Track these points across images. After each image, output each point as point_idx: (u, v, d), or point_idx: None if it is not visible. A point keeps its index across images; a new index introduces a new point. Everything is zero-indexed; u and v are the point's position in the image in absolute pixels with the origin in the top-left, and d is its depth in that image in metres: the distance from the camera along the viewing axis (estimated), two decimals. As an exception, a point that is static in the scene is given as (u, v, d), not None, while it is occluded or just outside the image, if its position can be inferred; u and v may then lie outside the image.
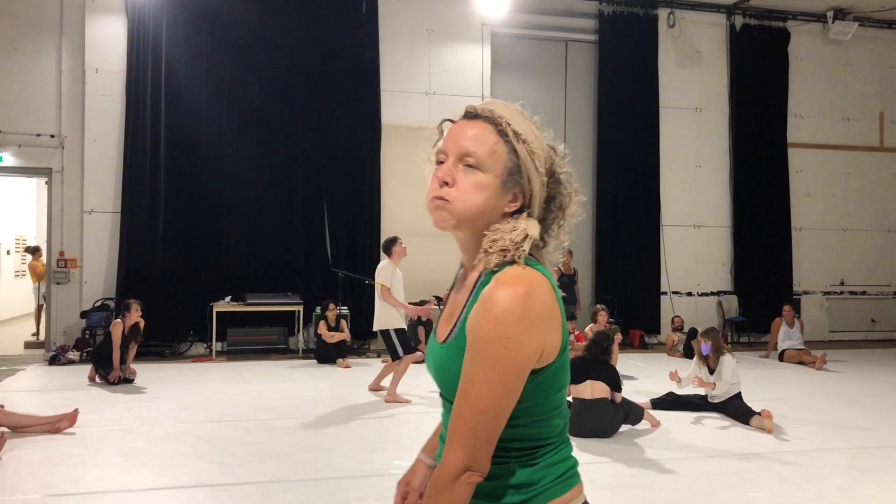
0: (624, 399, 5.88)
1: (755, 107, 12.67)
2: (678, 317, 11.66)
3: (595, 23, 12.20)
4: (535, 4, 11.82)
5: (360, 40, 11.07)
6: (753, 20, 12.70)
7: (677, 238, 12.53)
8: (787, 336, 10.60)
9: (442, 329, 1.39)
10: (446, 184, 1.32)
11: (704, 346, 6.62)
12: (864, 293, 13.47)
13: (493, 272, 1.27)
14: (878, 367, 10.17)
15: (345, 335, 9.79)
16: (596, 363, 5.87)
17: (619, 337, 7.29)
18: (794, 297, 12.76)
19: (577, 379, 5.69)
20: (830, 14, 12.66)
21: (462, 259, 1.43)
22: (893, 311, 13.57)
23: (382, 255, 7.79)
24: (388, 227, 10.96)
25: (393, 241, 7.54)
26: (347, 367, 9.42)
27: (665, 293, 12.41)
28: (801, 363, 10.15)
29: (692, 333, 10.91)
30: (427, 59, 11.51)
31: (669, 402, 6.87)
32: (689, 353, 10.24)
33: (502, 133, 1.32)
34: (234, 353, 10.35)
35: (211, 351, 10.25)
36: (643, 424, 6.09)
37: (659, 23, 12.31)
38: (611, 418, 5.68)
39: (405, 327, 7.62)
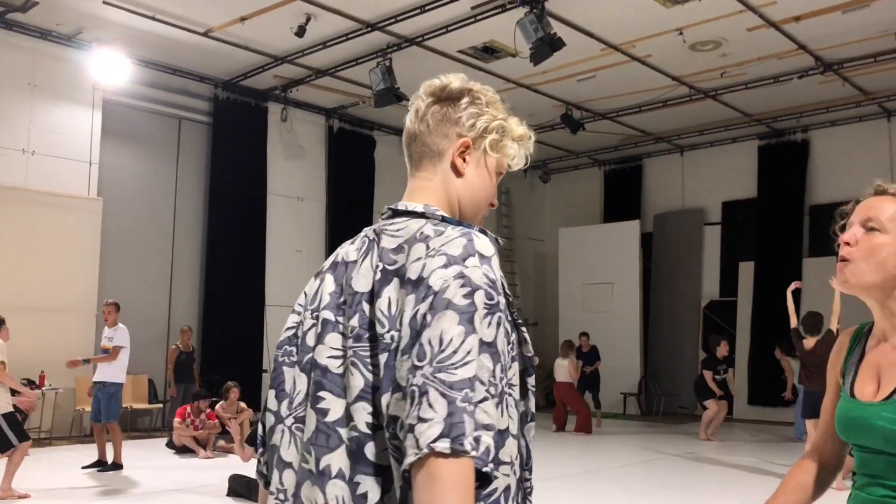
0: None
1: (348, 200, 14.16)
2: (285, 393, 12.16)
3: (210, 105, 12.43)
4: (151, 78, 11.57)
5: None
6: (348, 125, 14.32)
7: (280, 318, 13.12)
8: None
9: (867, 386, 1.51)
10: (848, 245, 1.49)
11: None
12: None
13: None
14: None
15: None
16: None
17: None
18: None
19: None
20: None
21: (877, 324, 1.56)
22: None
23: None
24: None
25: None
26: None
27: (266, 371, 12.80)
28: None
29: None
30: (28, 116, 10.32)
31: None
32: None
33: None
34: None
35: None
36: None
37: (269, 115, 13.05)
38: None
39: (13, 410, 6.81)
